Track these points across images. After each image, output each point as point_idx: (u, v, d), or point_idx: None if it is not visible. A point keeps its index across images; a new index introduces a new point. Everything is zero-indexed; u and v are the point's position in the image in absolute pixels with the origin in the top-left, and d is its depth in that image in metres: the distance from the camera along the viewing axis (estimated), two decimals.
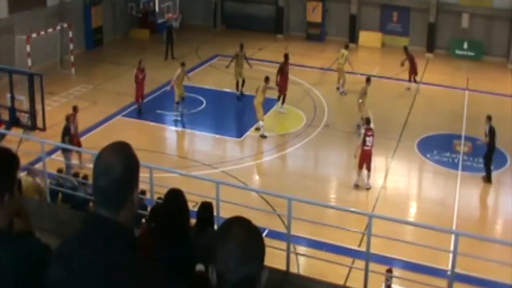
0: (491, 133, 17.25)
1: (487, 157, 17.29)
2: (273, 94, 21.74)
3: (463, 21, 28.97)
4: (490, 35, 28.98)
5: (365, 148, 16.71)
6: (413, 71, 24.44)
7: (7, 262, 2.32)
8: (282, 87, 21.89)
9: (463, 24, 29.04)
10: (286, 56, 22.53)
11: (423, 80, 26.11)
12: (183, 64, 21.43)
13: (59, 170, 13.66)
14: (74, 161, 16.72)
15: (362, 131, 17.35)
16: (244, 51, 23.83)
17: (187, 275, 4.84)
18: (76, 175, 13.58)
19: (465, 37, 29.22)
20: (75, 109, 17.64)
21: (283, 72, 22.11)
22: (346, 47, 24.54)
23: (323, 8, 31.50)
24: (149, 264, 2.35)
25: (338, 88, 23.85)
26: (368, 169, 16.78)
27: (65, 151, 16.08)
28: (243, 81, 23.41)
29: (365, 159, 16.75)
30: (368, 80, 20.74)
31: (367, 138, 16.67)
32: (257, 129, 20.19)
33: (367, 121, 17.15)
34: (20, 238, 2.49)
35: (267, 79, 20.31)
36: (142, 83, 21.26)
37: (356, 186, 16.89)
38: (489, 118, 17.57)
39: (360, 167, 16.80)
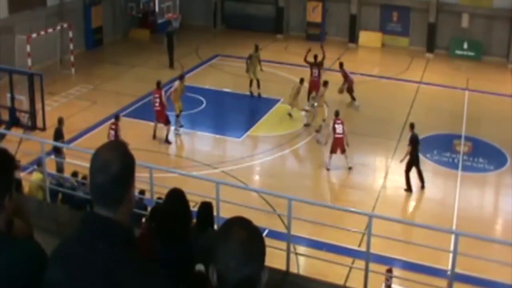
0: (413, 141, 16.53)
1: (408, 166, 16.58)
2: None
3: (463, 21, 28.98)
4: (490, 35, 28.98)
5: (336, 136, 17.83)
6: (349, 86, 22.56)
7: (5, 265, 2.31)
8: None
9: (463, 24, 29.05)
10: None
11: (423, 80, 26.12)
12: (181, 77, 20.64)
13: (74, 173, 13.58)
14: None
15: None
16: (259, 52, 23.51)
17: (187, 275, 4.84)
18: (75, 174, 13.54)
19: (465, 37, 29.22)
20: (117, 117, 17.62)
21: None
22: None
23: (323, 8, 31.51)
24: (149, 264, 2.35)
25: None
26: (342, 152, 17.85)
27: (58, 153, 15.96)
28: (258, 82, 23.08)
29: (337, 146, 17.85)
30: (325, 83, 20.51)
31: (336, 126, 17.85)
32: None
33: (336, 113, 18.37)
34: (18, 242, 2.48)
35: (302, 81, 21.00)
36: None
37: (328, 170, 17.94)
38: (411, 126, 16.79)
39: (332, 152, 17.89)
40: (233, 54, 28.27)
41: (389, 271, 11.01)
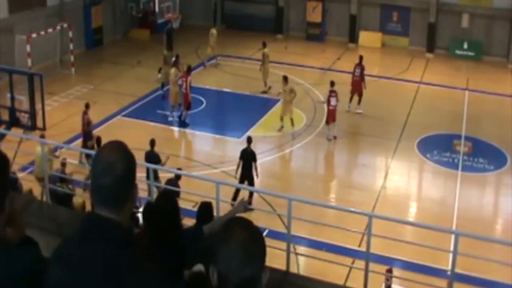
0: (244, 156, 15.45)
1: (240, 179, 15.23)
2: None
3: (463, 21, 28.97)
4: (490, 35, 28.97)
5: (330, 107, 19.59)
6: (356, 89, 21.97)
7: (5, 276, 2.30)
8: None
9: (463, 24, 29.04)
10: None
11: (423, 80, 26.12)
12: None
13: (62, 163, 13.47)
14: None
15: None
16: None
17: (176, 277, 4.84)
18: (63, 164, 13.44)
19: (465, 37, 29.21)
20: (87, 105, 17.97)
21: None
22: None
23: (323, 8, 31.51)
24: (148, 264, 2.35)
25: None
26: (333, 121, 19.53)
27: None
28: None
29: (329, 116, 19.62)
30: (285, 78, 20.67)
31: (331, 99, 19.49)
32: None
33: (331, 84, 19.90)
34: (17, 251, 2.44)
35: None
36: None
37: (329, 140, 19.61)
38: (249, 140, 15.86)
39: (327, 123, 19.69)
40: (233, 54, 28.27)
41: (389, 271, 11.00)
